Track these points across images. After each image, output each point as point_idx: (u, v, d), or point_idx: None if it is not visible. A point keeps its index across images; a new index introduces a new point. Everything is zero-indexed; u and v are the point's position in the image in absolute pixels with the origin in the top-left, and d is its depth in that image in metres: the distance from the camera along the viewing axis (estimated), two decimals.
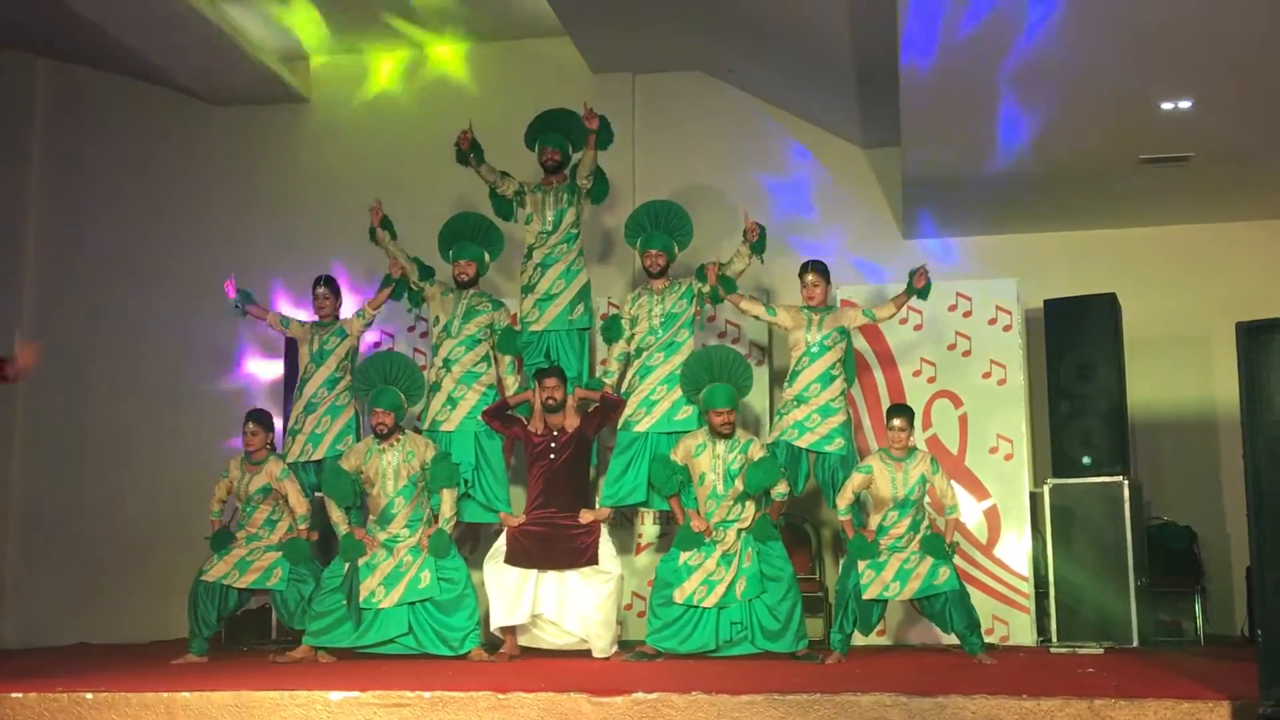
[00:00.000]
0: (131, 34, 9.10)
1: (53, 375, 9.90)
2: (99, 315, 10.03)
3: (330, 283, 7.86)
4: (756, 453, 6.86)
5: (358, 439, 7.54)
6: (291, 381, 8.38)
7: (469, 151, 7.91)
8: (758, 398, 8.12)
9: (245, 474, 7.33)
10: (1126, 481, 7.38)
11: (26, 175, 10.30)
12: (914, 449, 6.85)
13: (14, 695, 5.24)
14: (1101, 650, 7.00)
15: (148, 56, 9.45)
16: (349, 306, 7.98)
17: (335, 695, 5.04)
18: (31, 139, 10.32)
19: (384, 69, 9.98)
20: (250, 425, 7.35)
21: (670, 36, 8.97)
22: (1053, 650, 7.14)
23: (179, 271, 9.93)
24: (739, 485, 6.81)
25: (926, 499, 6.80)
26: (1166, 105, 7.09)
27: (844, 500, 6.80)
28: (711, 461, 6.85)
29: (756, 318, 7.51)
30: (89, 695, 5.19)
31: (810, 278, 7.32)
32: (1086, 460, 7.52)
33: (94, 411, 9.90)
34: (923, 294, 7.23)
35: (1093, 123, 7.39)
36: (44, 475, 9.89)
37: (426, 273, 7.78)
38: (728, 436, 6.86)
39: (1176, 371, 8.77)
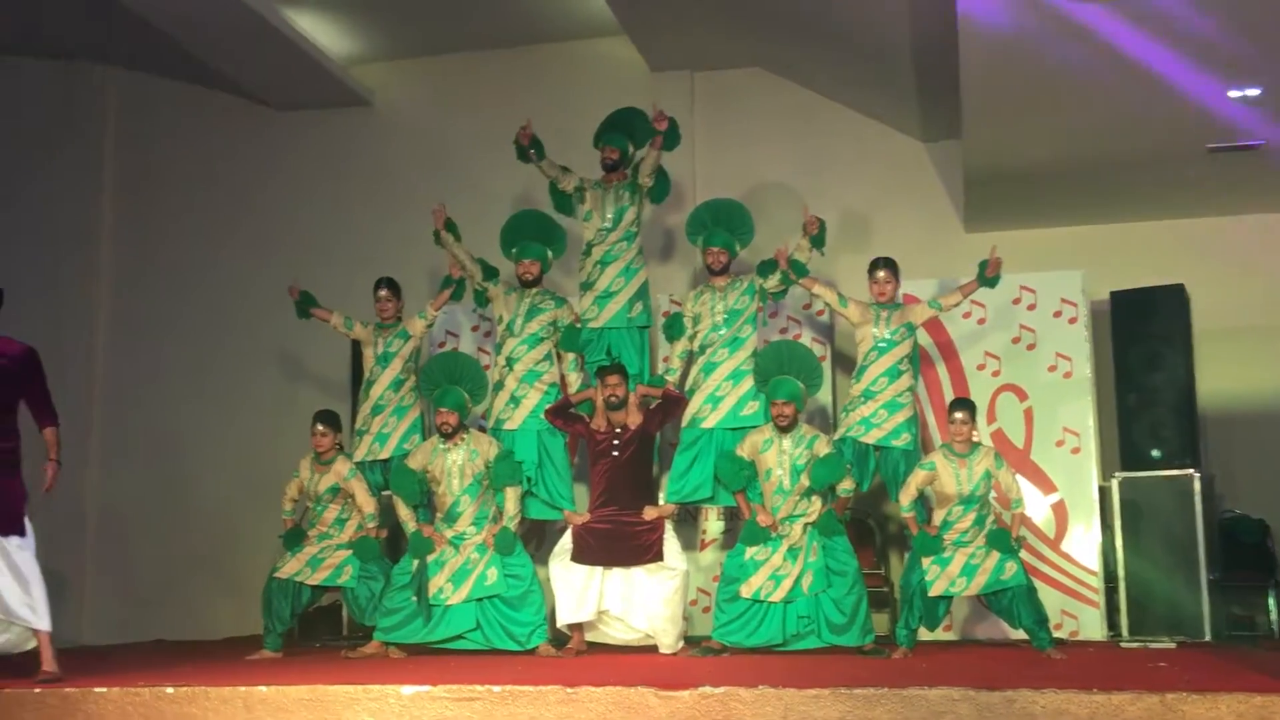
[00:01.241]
0: (201, 42, 9.28)
1: (128, 378, 10.15)
2: (171, 318, 10.23)
3: (392, 284, 7.94)
4: (823, 448, 6.86)
5: (424, 438, 7.62)
6: (356, 382, 8.49)
7: (529, 147, 7.97)
8: (820, 391, 8.10)
9: (315, 474, 7.44)
10: (1197, 474, 7.28)
11: (100, 182, 10.53)
12: (977, 444, 6.82)
13: (97, 690, 5.35)
14: (1173, 645, 6.93)
15: (216, 64, 9.63)
16: (412, 308, 8.07)
17: (407, 689, 5.10)
18: (104, 147, 10.54)
19: (446, 71, 10.07)
20: (319, 426, 7.46)
21: (728, 33, 8.98)
22: (1123, 645, 7.08)
23: (247, 275, 10.09)
24: (805, 480, 6.81)
25: (992, 494, 6.77)
26: (1235, 93, 6.99)
27: (907, 497, 6.78)
28: (778, 457, 6.86)
29: (827, 304, 7.51)
30: (169, 689, 5.28)
31: (881, 274, 7.31)
32: (1156, 453, 7.43)
33: (169, 414, 10.09)
34: (992, 283, 7.20)
35: (1157, 112, 7.31)
36: (121, 477, 10.09)
37: (490, 273, 7.85)
38: (788, 430, 6.87)
39: (1248, 362, 8.65)
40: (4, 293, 6.11)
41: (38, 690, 5.43)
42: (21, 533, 5.96)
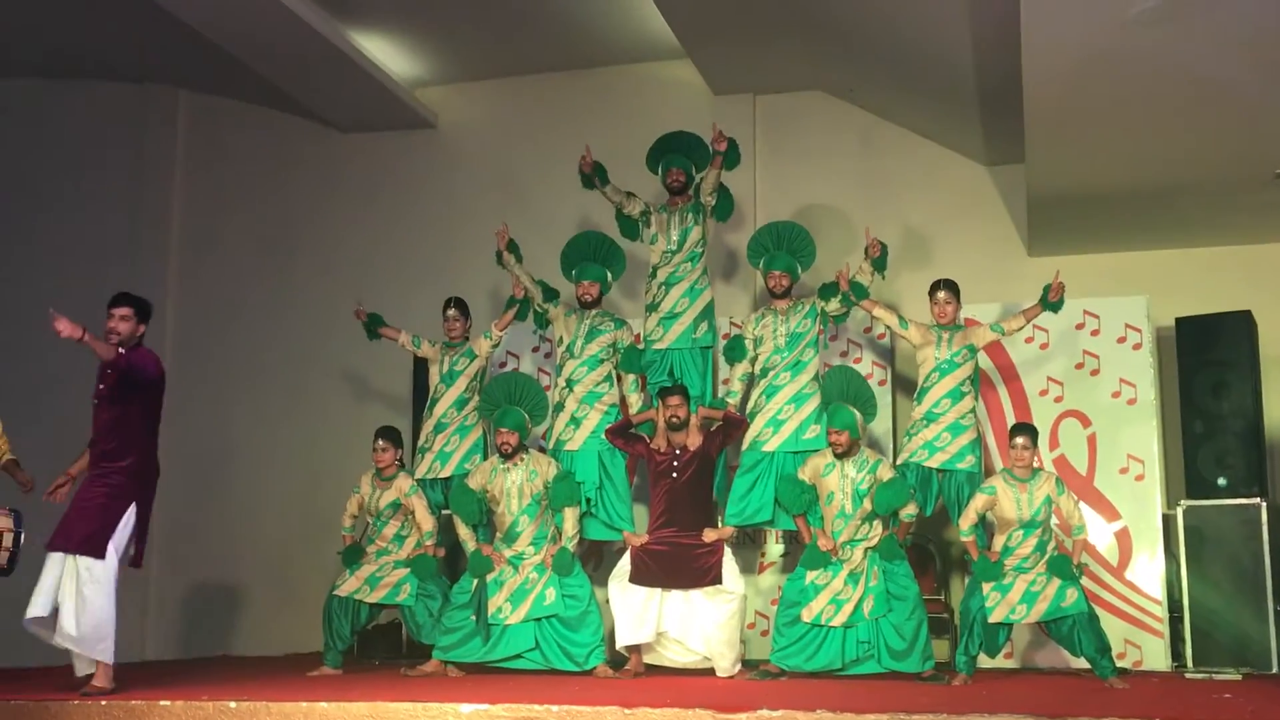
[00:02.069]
0: (269, 65, 9.44)
1: (194, 396, 10.28)
2: (236, 336, 10.39)
3: (460, 304, 8.02)
4: (885, 473, 6.83)
5: (485, 458, 7.67)
6: (419, 400, 8.56)
7: (592, 175, 8.03)
8: (880, 414, 8.07)
9: (376, 489, 7.51)
10: (1264, 503, 7.18)
11: (168, 203, 10.72)
12: (1038, 469, 6.76)
13: (162, 703, 5.43)
14: (1239, 676, 6.82)
15: (284, 86, 9.79)
16: (474, 329, 8.14)
17: (466, 708, 5.13)
18: (174, 168, 10.74)
19: (509, 94, 10.16)
20: (380, 442, 7.53)
21: (790, 57, 9.00)
22: (1188, 676, 6.98)
23: (312, 293, 10.23)
24: (867, 505, 6.79)
25: (1054, 519, 6.71)
26: None
27: (967, 521, 6.74)
28: (840, 481, 6.84)
29: (888, 327, 7.49)
30: (232, 704, 5.35)
31: (942, 295, 7.29)
32: (1222, 481, 7.34)
33: (233, 430, 10.24)
34: (1055, 307, 7.15)
35: (1224, 136, 7.24)
36: (185, 494, 10.19)
37: (551, 295, 7.90)
38: (847, 455, 6.85)
39: None
40: (151, 305, 6.25)
41: (104, 703, 5.52)
42: (96, 555, 5.97)
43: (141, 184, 10.69)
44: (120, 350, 6.02)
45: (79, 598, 5.94)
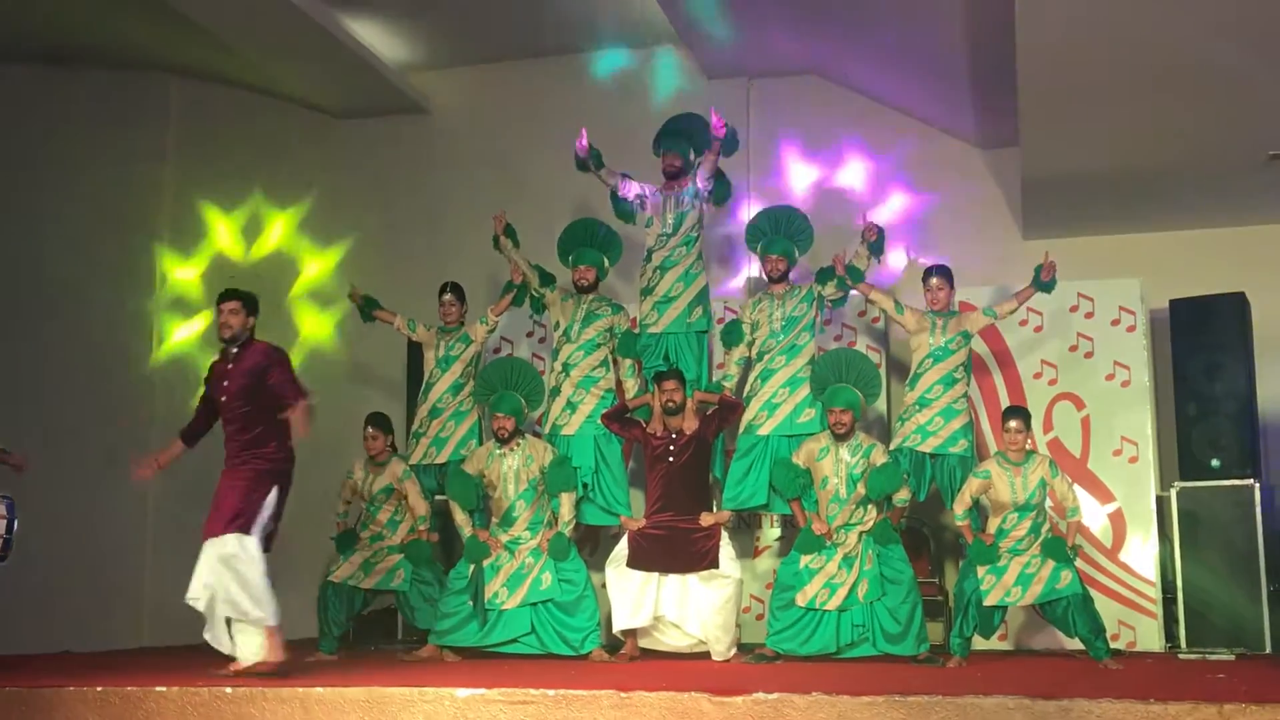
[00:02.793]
0: (261, 50, 9.41)
1: (186, 379, 10.27)
2: None
3: (456, 289, 8.01)
4: (879, 458, 6.84)
5: (480, 444, 7.67)
6: (413, 384, 8.57)
7: (587, 158, 8.02)
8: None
9: (369, 474, 7.52)
10: (1258, 484, 7.21)
11: (160, 190, 10.69)
12: (1032, 452, 6.78)
13: (158, 689, 5.42)
14: (1233, 657, 6.85)
15: (277, 71, 9.76)
16: (471, 314, 8.14)
17: (462, 692, 5.14)
18: (166, 155, 10.72)
19: (502, 78, 10.14)
20: (369, 429, 7.54)
21: (784, 40, 8.98)
22: (1181, 657, 7.01)
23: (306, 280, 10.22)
24: (862, 489, 6.80)
25: (1048, 501, 6.72)
26: None
27: (961, 505, 6.76)
28: (834, 465, 6.85)
29: (884, 311, 7.50)
30: (228, 690, 5.35)
31: (934, 281, 7.29)
32: (1216, 463, 7.36)
33: None
34: (1048, 288, 7.15)
35: (1218, 118, 7.24)
36: (179, 479, 10.14)
37: (547, 279, 7.90)
38: (845, 439, 6.86)
39: None
40: (256, 298, 6.34)
41: (100, 689, 5.52)
42: (245, 532, 6.10)
43: (133, 171, 10.65)
44: (303, 394, 6.14)
45: (235, 574, 6.04)
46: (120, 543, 10.14)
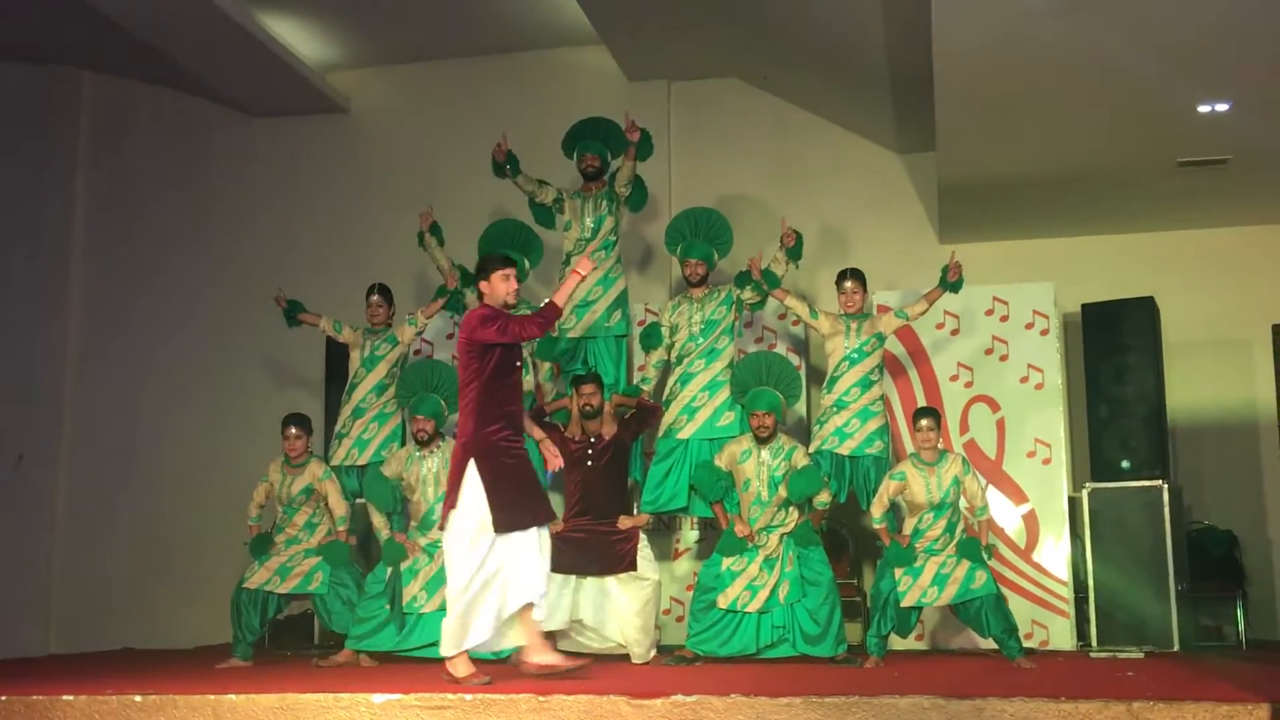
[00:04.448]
0: (176, 47, 9.25)
1: (98, 385, 10.09)
2: (144, 322, 10.18)
3: (384, 290, 7.96)
4: (800, 460, 6.88)
5: (403, 446, 7.61)
6: (330, 384, 8.47)
7: (505, 163, 7.98)
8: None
9: (286, 476, 7.41)
10: (1166, 486, 7.35)
11: (73, 186, 10.46)
12: (945, 451, 6.86)
13: (64, 698, 5.31)
14: (1142, 655, 6.96)
15: (192, 69, 9.60)
16: (397, 315, 8.08)
17: (378, 698, 5.09)
18: (78, 151, 10.48)
19: (422, 78, 10.06)
20: (292, 429, 7.43)
21: (706, 43, 9.01)
22: (1092, 655, 7.11)
23: (220, 279, 10.07)
24: (783, 492, 6.83)
25: (962, 501, 6.81)
26: (1204, 108, 7.07)
27: (879, 508, 6.81)
28: (756, 468, 6.88)
29: (800, 316, 7.54)
30: (137, 698, 5.25)
31: (849, 284, 7.35)
32: (1126, 464, 7.49)
33: (138, 421, 10.04)
34: (955, 288, 7.22)
35: (1129, 125, 7.38)
36: (89, 484, 10.02)
37: (469, 280, 7.85)
38: (767, 441, 6.90)
39: (1216, 375, 8.74)
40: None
41: (4, 698, 5.38)
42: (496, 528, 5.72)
43: (44, 168, 10.41)
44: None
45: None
46: (26, 548, 9.90)
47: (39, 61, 10.35)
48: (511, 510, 5.75)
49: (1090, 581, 7.39)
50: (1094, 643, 7.30)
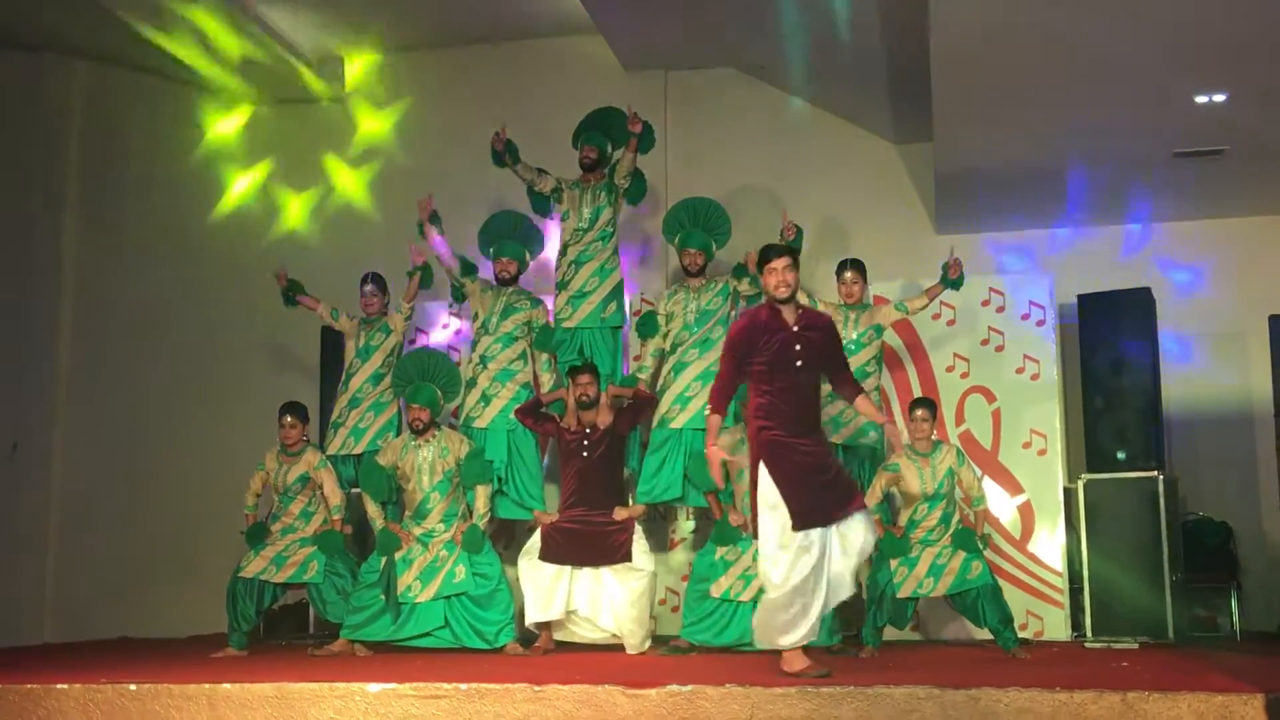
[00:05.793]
0: (170, 36, 9.20)
1: (94, 371, 10.07)
2: (137, 309, 10.16)
3: (378, 280, 7.95)
4: None
5: (399, 435, 7.60)
6: (326, 373, 8.47)
7: (504, 152, 7.96)
8: None
9: (282, 465, 7.41)
10: (1161, 477, 7.34)
11: (64, 172, 10.43)
12: (940, 442, 6.87)
13: (59, 686, 5.31)
14: (1136, 645, 6.98)
15: (186, 59, 9.55)
16: (392, 305, 8.07)
17: (373, 687, 5.09)
18: (69, 139, 10.45)
19: (419, 66, 10.03)
20: (287, 418, 7.43)
21: (702, 33, 8.98)
22: (1087, 645, 7.13)
23: (214, 265, 10.04)
24: None
25: (957, 491, 6.81)
26: (1201, 99, 7.06)
27: (873, 499, 6.79)
28: None
29: None
30: (132, 686, 5.25)
31: (848, 275, 7.35)
32: (1121, 455, 7.48)
33: (135, 408, 10.02)
34: (955, 284, 7.23)
35: (1126, 116, 7.37)
36: (84, 473, 10.01)
37: (469, 269, 7.84)
38: None
39: (1212, 366, 8.73)
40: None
41: None
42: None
43: (37, 155, 10.37)
44: None
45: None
46: (21, 537, 9.89)
47: (31, 48, 10.29)
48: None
49: (1085, 572, 7.38)
50: (1089, 633, 7.30)
